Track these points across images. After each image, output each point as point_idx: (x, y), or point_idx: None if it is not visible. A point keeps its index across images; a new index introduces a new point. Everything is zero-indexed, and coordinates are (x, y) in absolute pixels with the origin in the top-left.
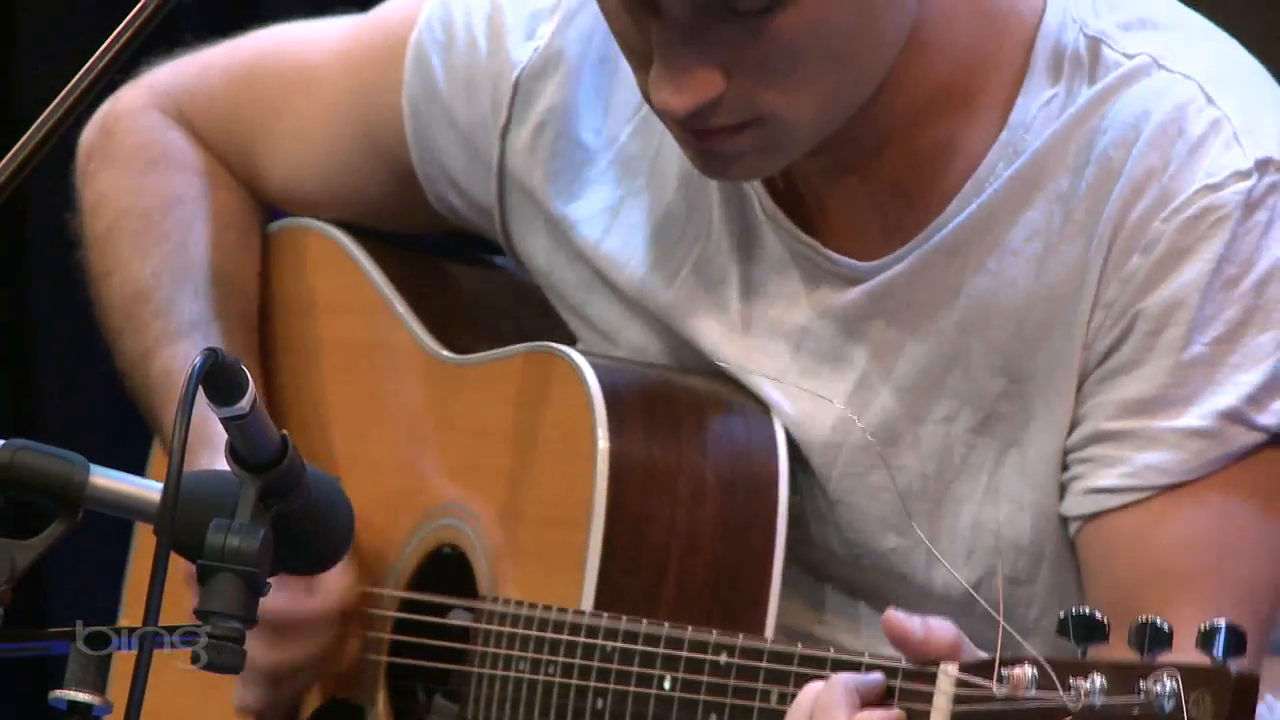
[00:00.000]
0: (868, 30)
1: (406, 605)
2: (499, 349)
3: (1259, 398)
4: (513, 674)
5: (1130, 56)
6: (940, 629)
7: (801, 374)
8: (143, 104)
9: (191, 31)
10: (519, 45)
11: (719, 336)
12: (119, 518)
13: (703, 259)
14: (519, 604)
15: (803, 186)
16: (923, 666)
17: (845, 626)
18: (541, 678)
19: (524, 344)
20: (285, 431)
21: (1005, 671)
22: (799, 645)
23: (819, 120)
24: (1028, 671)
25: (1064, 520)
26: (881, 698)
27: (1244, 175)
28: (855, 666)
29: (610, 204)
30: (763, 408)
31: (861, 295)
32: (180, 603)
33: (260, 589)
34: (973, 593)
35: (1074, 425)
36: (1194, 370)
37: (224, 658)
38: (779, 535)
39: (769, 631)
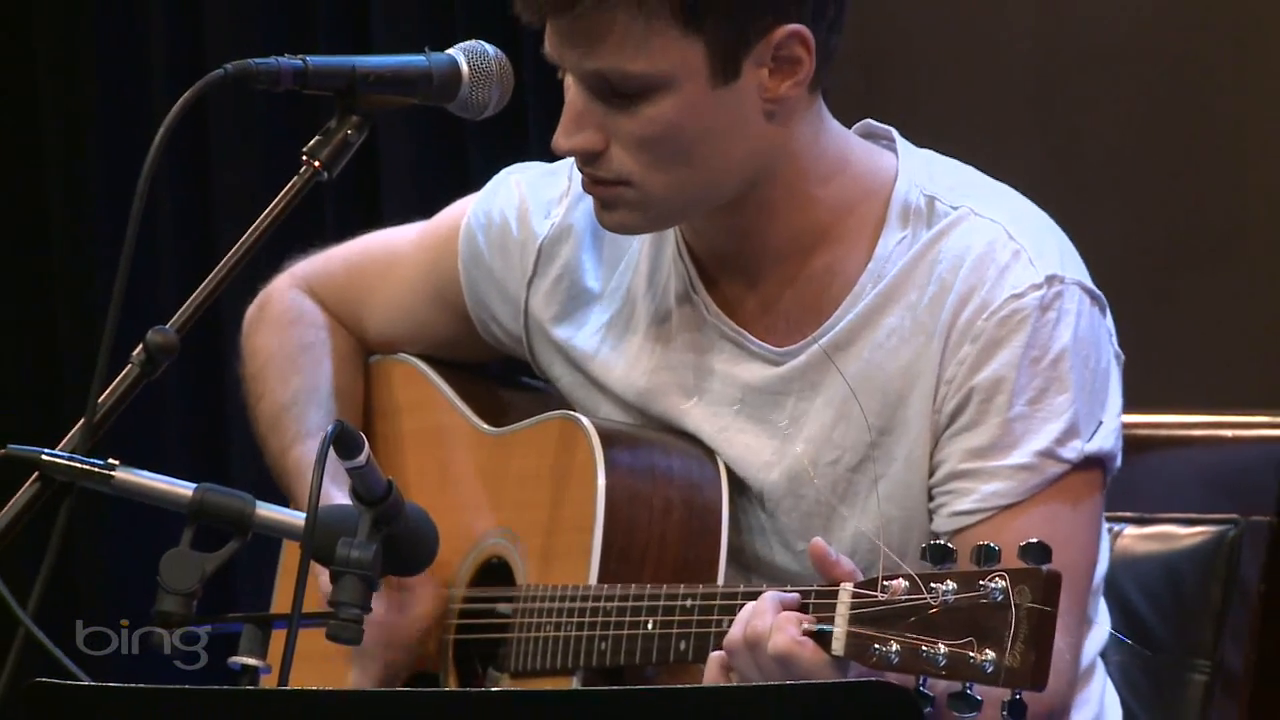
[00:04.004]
0: (711, 144)
1: (468, 602)
2: (526, 420)
3: (1062, 439)
4: (542, 635)
5: (955, 208)
6: (846, 560)
7: (740, 431)
8: (286, 285)
9: (330, 204)
10: (540, 222)
11: (683, 409)
12: (273, 537)
13: (666, 353)
14: (545, 588)
15: (733, 295)
16: (828, 586)
17: None
18: (562, 634)
19: (544, 414)
20: (390, 478)
21: (887, 583)
22: (741, 586)
23: (671, 199)
24: (902, 583)
25: (932, 535)
26: (798, 608)
27: (1038, 286)
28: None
29: (602, 326)
30: (710, 453)
31: (776, 376)
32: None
33: (374, 586)
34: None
35: (935, 468)
36: (1016, 424)
37: (348, 633)
38: (723, 538)
39: None
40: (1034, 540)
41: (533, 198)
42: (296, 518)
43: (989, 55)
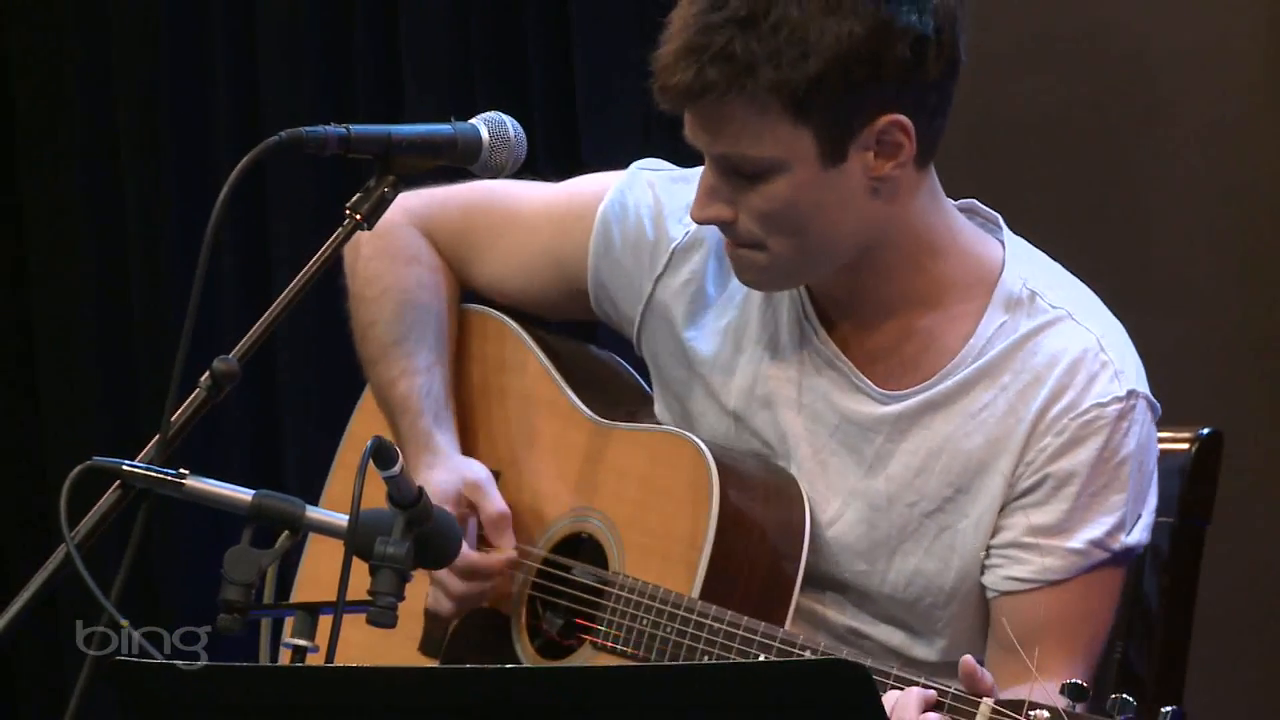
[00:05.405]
0: (824, 218)
1: (548, 562)
2: (640, 423)
3: (1112, 533)
4: (637, 626)
5: (1055, 307)
6: (988, 676)
7: (833, 453)
8: (403, 220)
9: None
10: (675, 226)
11: (787, 420)
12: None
13: (774, 366)
14: (649, 585)
15: (840, 331)
16: (969, 694)
17: (834, 608)
18: (660, 633)
19: (661, 425)
20: (421, 485)
21: (1032, 713)
22: (869, 660)
23: (794, 263)
24: (1044, 714)
25: (980, 585)
26: (935, 706)
27: (1120, 399)
28: (914, 681)
29: (719, 332)
30: (796, 485)
31: (872, 415)
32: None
33: (406, 578)
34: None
35: (997, 530)
36: (1079, 512)
37: (384, 618)
38: (802, 561)
39: (790, 612)
40: (1175, 709)
41: (668, 202)
42: (340, 519)
43: None
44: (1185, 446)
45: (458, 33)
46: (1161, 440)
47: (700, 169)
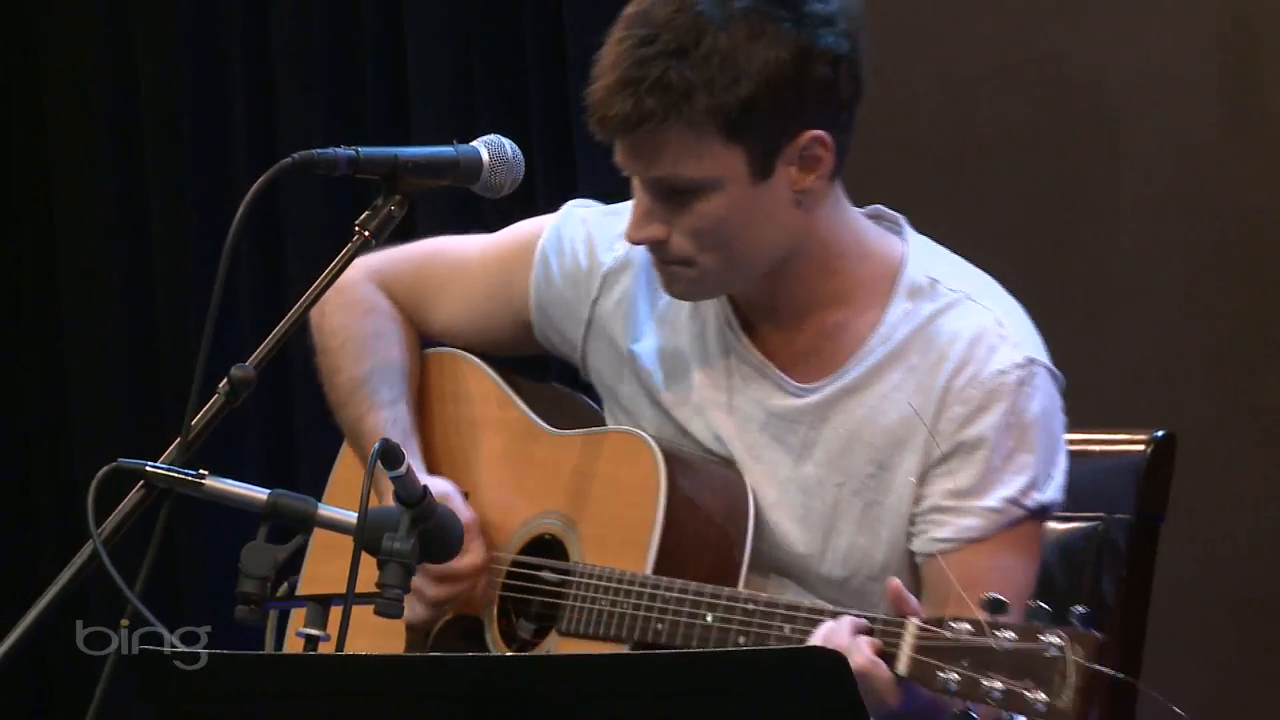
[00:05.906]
0: (752, 231)
1: (516, 564)
2: (590, 428)
3: (1025, 491)
4: (597, 607)
5: (954, 290)
6: (915, 601)
7: (765, 447)
8: (362, 277)
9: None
10: (605, 253)
11: (720, 421)
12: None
13: (706, 374)
14: (603, 568)
15: (761, 333)
16: (895, 618)
17: (776, 592)
18: (617, 610)
19: (610, 426)
20: (425, 484)
21: (954, 624)
22: (805, 601)
23: (721, 275)
24: (966, 625)
25: (909, 552)
26: (866, 632)
27: (1020, 366)
28: (846, 613)
29: (655, 348)
30: (739, 474)
31: (793, 406)
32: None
33: (412, 572)
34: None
35: (919, 499)
36: (992, 474)
37: (392, 609)
38: (747, 544)
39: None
40: (1086, 610)
41: (599, 233)
42: (350, 517)
43: (905, 137)
44: (1142, 448)
45: (461, 59)
46: (1119, 441)
47: (628, 204)
